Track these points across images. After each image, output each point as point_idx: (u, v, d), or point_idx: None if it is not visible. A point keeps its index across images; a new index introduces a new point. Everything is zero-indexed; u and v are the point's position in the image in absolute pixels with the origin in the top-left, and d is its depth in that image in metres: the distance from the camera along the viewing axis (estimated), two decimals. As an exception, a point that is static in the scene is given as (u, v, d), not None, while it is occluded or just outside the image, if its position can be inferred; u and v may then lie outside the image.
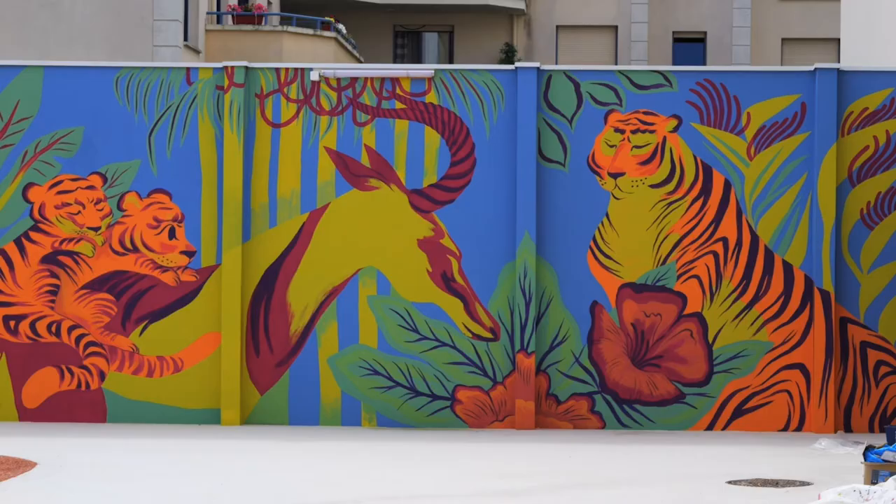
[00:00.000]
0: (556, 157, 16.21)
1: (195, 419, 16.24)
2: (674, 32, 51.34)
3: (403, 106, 16.26)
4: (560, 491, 11.04)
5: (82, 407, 16.30)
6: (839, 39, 54.94)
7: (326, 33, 32.85)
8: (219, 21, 31.99)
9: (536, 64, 16.31)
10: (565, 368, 16.13)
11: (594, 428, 16.08)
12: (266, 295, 16.27)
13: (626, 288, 16.11)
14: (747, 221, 16.05)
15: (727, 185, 16.07)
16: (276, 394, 16.24)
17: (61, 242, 16.34)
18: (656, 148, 16.08)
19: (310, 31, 32.41)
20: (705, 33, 51.67)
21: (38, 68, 16.46)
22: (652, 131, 16.09)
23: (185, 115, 16.33)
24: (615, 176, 16.11)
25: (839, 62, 56.84)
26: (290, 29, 31.92)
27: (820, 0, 51.87)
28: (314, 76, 16.28)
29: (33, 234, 16.36)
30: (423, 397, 16.19)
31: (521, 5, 48.77)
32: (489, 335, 16.15)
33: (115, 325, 16.31)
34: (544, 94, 16.21)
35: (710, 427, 16.02)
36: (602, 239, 16.14)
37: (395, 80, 16.28)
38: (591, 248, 16.16)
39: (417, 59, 48.82)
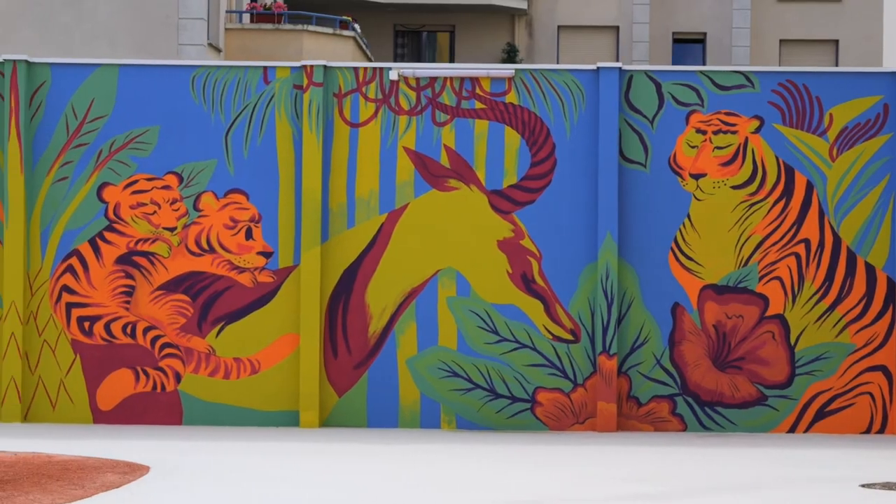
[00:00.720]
0: (636, 157, 16.13)
1: (272, 421, 16.09)
2: (674, 33, 51.37)
3: (483, 106, 16.15)
4: (702, 495, 10.95)
5: (158, 409, 16.12)
6: (838, 41, 54.98)
7: (345, 32, 32.69)
8: (239, 20, 31.79)
9: (619, 64, 16.23)
10: (646, 370, 16.05)
11: (675, 430, 16.01)
12: (344, 296, 16.13)
13: (708, 289, 16.04)
14: (829, 223, 16.02)
15: (809, 187, 16.03)
16: (354, 396, 16.10)
17: (136, 243, 16.16)
18: (738, 149, 16.02)
19: (329, 31, 32.25)
20: (705, 34, 51.72)
21: (114, 66, 16.27)
22: (734, 132, 16.03)
23: (262, 114, 16.17)
24: (697, 177, 16.05)
25: (837, 64, 57.02)
26: (310, 28, 31.74)
27: (818, 1, 52.01)
28: (393, 75, 16.15)
29: (108, 235, 16.17)
30: (502, 399, 16.08)
31: (524, 5, 48.70)
32: (570, 337, 16.06)
33: (191, 326, 16.14)
34: (625, 94, 16.13)
35: (791, 429, 15.98)
36: (683, 240, 16.07)
37: (474, 80, 16.17)
38: (672, 249, 16.10)
39: (417, 58, 48.69)
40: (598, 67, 16.15)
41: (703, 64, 50.80)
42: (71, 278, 16.14)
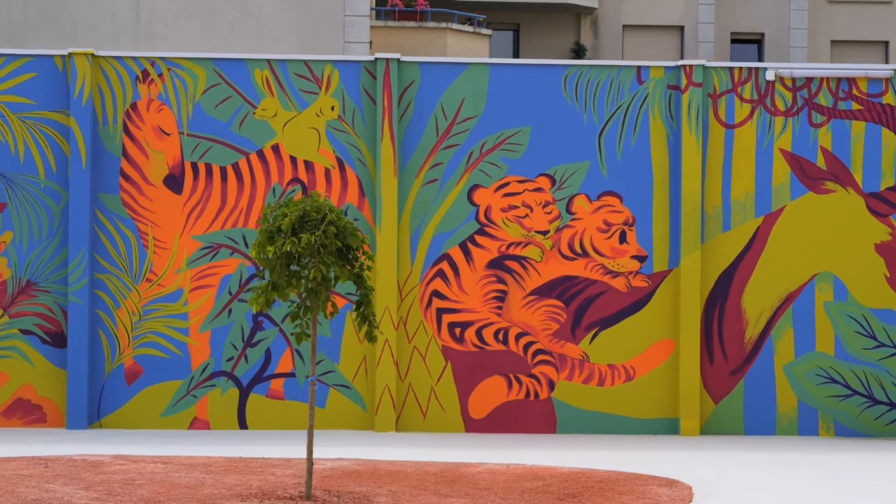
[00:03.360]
0: None
1: (648, 429, 15.71)
2: (731, 33, 51.39)
3: (860, 107, 15.88)
4: None
5: (531, 417, 15.69)
6: (888, 42, 55.37)
7: (484, 31, 32.25)
8: (381, 17, 31.23)
9: None
10: None
11: None
12: (720, 301, 15.78)
13: None
14: None
15: None
16: (730, 403, 15.76)
17: (508, 247, 15.72)
18: None
19: (469, 29, 31.79)
20: (763, 34, 51.82)
21: (484, 66, 15.81)
22: None
23: (635, 114, 15.79)
24: None
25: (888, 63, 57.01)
26: (453, 26, 31.26)
27: (868, 3, 52.36)
28: (769, 76, 15.84)
29: (479, 238, 15.72)
30: (881, 406, 15.82)
31: (594, 3, 48.49)
32: (949, 342, 15.84)
33: (564, 332, 15.73)
34: None
35: None
36: None
37: (851, 81, 15.89)
38: None
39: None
40: (979, 69, 15.94)
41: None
42: (441, 283, 15.66)
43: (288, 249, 10.22)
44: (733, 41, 52.44)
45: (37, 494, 10.43)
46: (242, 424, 15.52)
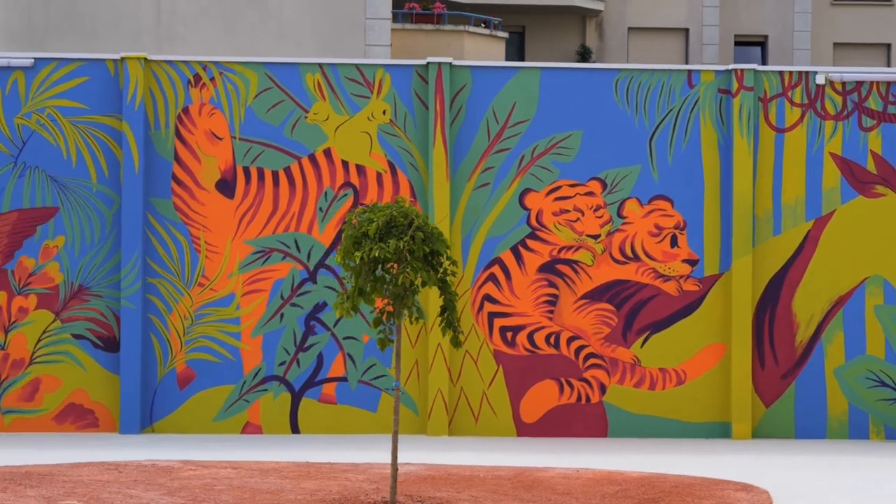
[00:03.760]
0: None
1: (699, 433, 15.72)
2: (735, 35, 51.48)
3: (910, 111, 15.93)
4: None
5: (583, 421, 15.70)
6: (889, 45, 55.43)
7: (500, 34, 32.27)
8: (398, 19, 31.21)
9: None
10: None
11: None
12: (771, 305, 15.80)
13: None
14: None
15: None
16: (781, 406, 15.78)
17: (559, 251, 15.72)
18: None
19: (486, 32, 31.80)
20: (766, 37, 51.93)
21: (535, 70, 15.81)
22: None
23: (686, 118, 15.80)
24: None
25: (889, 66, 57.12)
26: (470, 29, 31.26)
27: (870, 6, 52.48)
28: (819, 79, 15.87)
29: (530, 242, 15.72)
30: (931, 409, 15.86)
31: (599, 6, 48.54)
32: None
33: (615, 336, 15.73)
34: None
35: None
36: None
37: (900, 85, 15.93)
38: None
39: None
40: None
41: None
42: (493, 287, 15.66)
43: (377, 255, 10.19)
44: (737, 43, 52.53)
45: (122, 501, 10.39)
46: (294, 429, 15.49)
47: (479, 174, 15.69)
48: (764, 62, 52.93)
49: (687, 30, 50.60)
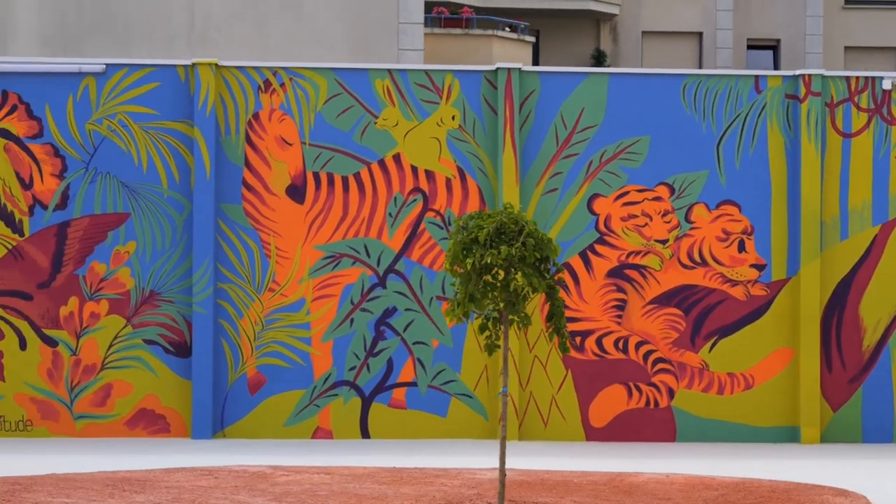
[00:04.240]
0: None
1: (767, 437, 15.76)
2: (748, 39, 51.56)
3: (975, 116, 15.97)
4: None
5: (651, 425, 15.73)
6: (901, 48, 55.08)
7: (527, 37, 32.31)
8: (428, 24, 31.25)
9: None
10: None
11: None
12: (838, 309, 15.85)
13: None
14: None
15: None
16: (849, 411, 15.83)
17: (628, 255, 15.76)
18: None
19: (514, 36, 31.85)
20: (779, 41, 52.03)
21: (603, 75, 15.85)
22: None
23: (753, 123, 15.85)
24: None
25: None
26: (499, 33, 31.32)
27: (882, 9, 52.60)
28: (886, 84, 15.92)
29: (599, 247, 15.76)
30: None
31: (615, 10, 48.60)
32: None
33: (683, 340, 15.78)
34: None
35: None
36: None
37: (966, 90, 15.98)
38: None
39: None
40: None
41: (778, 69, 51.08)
42: (562, 292, 15.66)
43: (488, 261, 10.22)
44: (749, 47, 52.63)
45: (234, 507, 10.42)
46: (365, 434, 15.51)
47: (547, 179, 15.72)
48: (776, 66, 53.08)
49: (701, 33, 50.66)
